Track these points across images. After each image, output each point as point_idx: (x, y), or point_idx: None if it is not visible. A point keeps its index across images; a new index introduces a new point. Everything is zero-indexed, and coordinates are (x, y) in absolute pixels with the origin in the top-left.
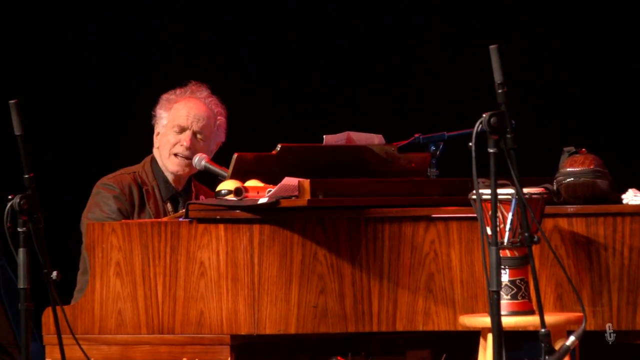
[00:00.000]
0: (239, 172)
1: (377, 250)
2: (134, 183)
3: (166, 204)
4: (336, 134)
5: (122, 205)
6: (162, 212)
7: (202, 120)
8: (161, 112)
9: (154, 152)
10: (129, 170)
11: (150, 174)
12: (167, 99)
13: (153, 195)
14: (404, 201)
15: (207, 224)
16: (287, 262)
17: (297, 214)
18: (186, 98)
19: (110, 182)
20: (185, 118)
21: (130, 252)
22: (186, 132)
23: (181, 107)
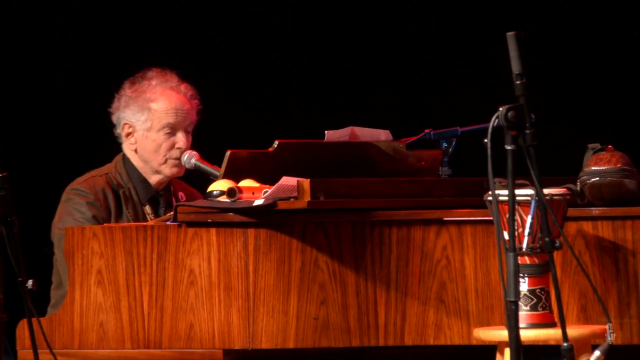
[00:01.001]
0: (232, 171)
1: (383, 257)
2: (108, 186)
3: (145, 207)
4: (339, 130)
5: (97, 211)
6: (141, 216)
7: (188, 114)
8: (133, 112)
9: (126, 151)
10: (101, 172)
11: (124, 174)
12: (138, 96)
13: (130, 198)
14: (413, 203)
15: (197, 228)
16: (285, 269)
17: (296, 217)
18: (162, 92)
19: (81, 187)
20: (173, 117)
21: (113, 259)
22: (179, 133)
23: (163, 104)
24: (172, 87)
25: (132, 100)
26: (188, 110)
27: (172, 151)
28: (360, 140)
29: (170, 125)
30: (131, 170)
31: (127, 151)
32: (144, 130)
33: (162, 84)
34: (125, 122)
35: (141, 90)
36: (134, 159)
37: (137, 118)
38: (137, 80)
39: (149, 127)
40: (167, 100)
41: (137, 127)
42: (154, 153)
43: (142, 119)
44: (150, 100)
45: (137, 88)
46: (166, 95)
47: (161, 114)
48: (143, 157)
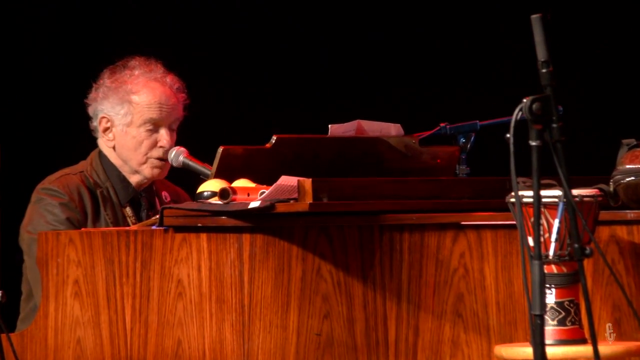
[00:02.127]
0: (226, 169)
1: (394, 266)
2: (84, 185)
3: (125, 209)
4: (344, 123)
5: (71, 213)
6: (121, 219)
7: (174, 109)
8: (112, 104)
9: (102, 147)
10: (75, 170)
11: (101, 173)
12: (118, 87)
13: (109, 198)
14: (426, 205)
15: (186, 233)
16: (284, 279)
17: (297, 221)
18: (145, 83)
19: (54, 187)
20: (157, 111)
21: (92, 268)
22: (162, 129)
23: (146, 97)
24: (156, 78)
25: (111, 92)
26: (174, 105)
27: (154, 150)
28: (368, 136)
29: (152, 121)
30: (109, 168)
31: (103, 147)
32: (124, 125)
33: (146, 74)
34: (103, 116)
35: (122, 81)
36: (111, 157)
37: (116, 111)
38: (117, 69)
39: (128, 122)
40: (150, 92)
41: (116, 121)
42: (134, 151)
43: (122, 113)
44: (131, 92)
45: (118, 78)
46: (150, 88)
47: (143, 108)
48: (122, 155)
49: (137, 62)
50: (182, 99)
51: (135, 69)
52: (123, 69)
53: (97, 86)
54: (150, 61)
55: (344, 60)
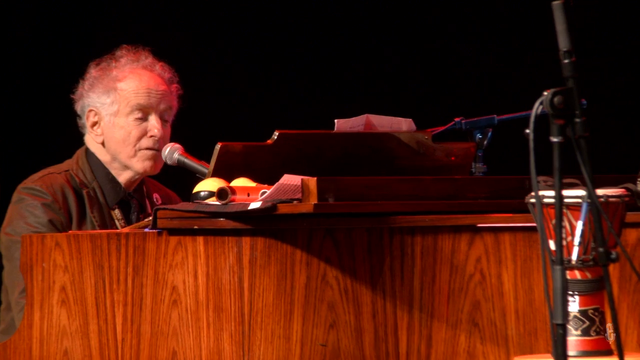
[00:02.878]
0: (224, 167)
1: (405, 271)
2: (68, 185)
3: (113, 211)
4: (351, 118)
5: (54, 215)
6: (109, 222)
7: (164, 96)
8: (97, 94)
9: (89, 145)
10: (59, 169)
11: (88, 172)
12: (103, 76)
13: (96, 200)
14: (440, 206)
15: (181, 236)
16: (286, 286)
17: (300, 223)
18: (131, 70)
19: (36, 186)
20: (145, 96)
21: (80, 274)
22: (152, 117)
23: (133, 83)
24: (144, 65)
25: (96, 81)
26: (164, 93)
27: (144, 140)
28: (377, 131)
29: (140, 106)
30: (96, 167)
31: (91, 144)
32: (110, 115)
33: (133, 62)
34: (90, 109)
35: (107, 69)
36: (100, 154)
37: (102, 101)
38: (103, 60)
39: (115, 111)
40: (137, 78)
41: (103, 112)
42: (122, 143)
43: (108, 102)
44: (116, 80)
45: (103, 67)
46: (136, 74)
47: (130, 94)
48: (110, 149)
49: (124, 51)
50: (175, 90)
51: (122, 57)
52: (109, 60)
53: (84, 80)
54: (138, 49)
55: (351, 50)
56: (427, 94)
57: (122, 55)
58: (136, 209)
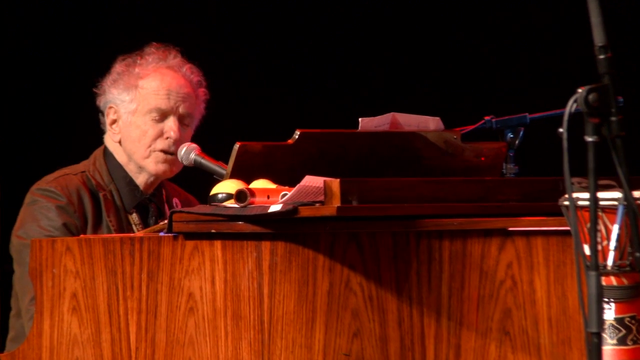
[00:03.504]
0: (243, 168)
1: (432, 277)
2: (84, 187)
3: (131, 215)
4: (376, 117)
5: (69, 218)
6: (125, 226)
7: (186, 99)
8: (118, 91)
9: (108, 144)
10: (75, 170)
11: (105, 173)
12: (126, 72)
13: (113, 203)
14: (469, 209)
15: (198, 240)
16: (308, 293)
17: (323, 227)
18: (157, 70)
19: (51, 187)
20: (165, 98)
21: (92, 280)
22: (170, 119)
23: (154, 82)
24: (170, 65)
25: (119, 77)
26: (187, 95)
27: (159, 141)
28: (404, 130)
29: (159, 110)
30: (114, 168)
31: (109, 143)
32: (128, 113)
33: (159, 61)
34: (110, 106)
35: (132, 66)
36: (117, 154)
37: (122, 98)
38: (130, 56)
39: (133, 109)
40: (158, 77)
41: (122, 110)
42: (137, 142)
43: (127, 100)
44: (138, 77)
45: (129, 63)
46: (159, 73)
47: (149, 94)
48: (127, 148)
49: (154, 48)
50: (202, 95)
51: (149, 55)
52: (136, 56)
53: (108, 74)
54: (168, 48)
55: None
56: (456, 91)
57: (149, 52)
58: (154, 213)
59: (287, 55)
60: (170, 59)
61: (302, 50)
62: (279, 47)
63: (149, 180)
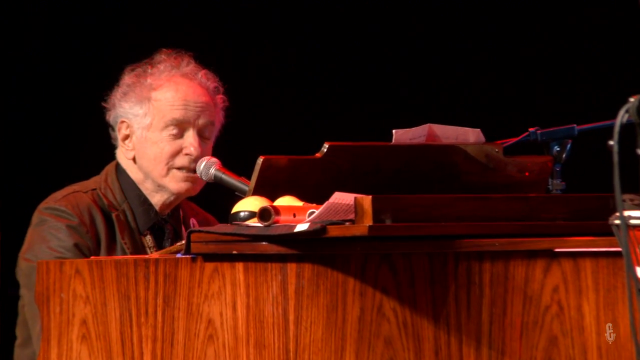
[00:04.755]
0: (267, 184)
1: (472, 302)
2: (96, 206)
3: (145, 237)
4: (411, 128)
5: (80, 239)
6: (141, 249)
7: (205, 110)
8: (130, 104)
9: (121, 160)
10: (86, 187)
11: (118, 191)
12: (137, 84)
13: (126, 224)
14: (512, 228)
15: (218, 262)
16: (337, 319)
17: (353, 248)
18: (169, 78)
19: (60, 206)
20: (182, 110)
21: (103, 305)
22: (190, 133)
23: (169, 93)
24: (184, 73)
25: (130, 90)
26: (205, 105)
27: (178, 158)
28: (441, 143)
29: (176, 122)
30: (127, 186)
31: (122, 160)
32: (143, 129)
33: (172, 69)
34: (122, 120)
35: (142, 76)
36: (131, 171)
37: (134, 112)
38: (140, 65)
39: (148, 124)
40: (173, 87)
41: (135, 125)
42: (154, 161)
43: (141, 113)
44: (151, 88)
45: (139, 74)
46: (173, 82)
47: (165, 107)
48: (143, 166)
49: (164, 56)
50: (220, 102)
51: (160, 63)
52: (146, 65)
53: (117, 86)
54: (180, 55)
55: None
56: (498, 101)
57: (160, 60)
58: (170, 235)
59: (314, 61)
60: (184, 65)
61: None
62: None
63: (167, 200)
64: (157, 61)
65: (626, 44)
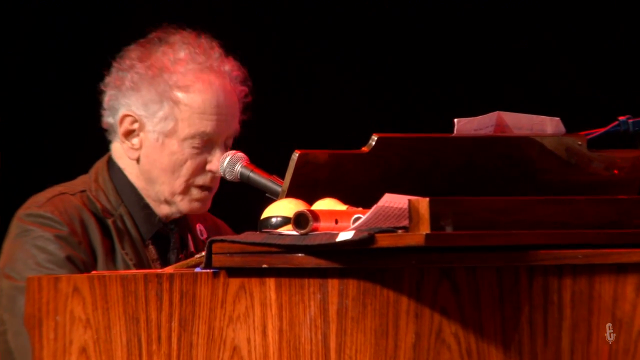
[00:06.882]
0: (303, 184)
1: (549, 326)
2: (88, 210)
3: (147, 247)
4: (477, 117)
5: (72, 251)
6: (145, 262)
7: (234, 115)
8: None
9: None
10: (73, 188)
11: (112, 193)
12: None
13: (126, 231)
14: (599, 237)
15: (245, 277)
16: (388, 346)
17: (407, 260)
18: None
19: (45, 212)
20: (213, 120)
21: (107, 330)
22: (216, 150)
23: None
24: (212, 66)
25: (144, 81)
26: (234, 108)
27: (200, 176)
28: (512, 134)
29: (206, 135)
30: (123, 188)
31: (119, 157)
32: (161, 133)
33: (197, 59)
34: (127, 113)
35: (161, 67)
36: (130, 172)
37: (150, 111)
38: (151, 46)
39: (170, 130)
40: (207, 90)
41: (149, 125)
42: (171, 174)
43: (160, 116)
44: (177, 87)
45: (155, 62)
46: (205, 82)
47: (192, 115)
48: (151, 173)
49: (181, 37)
50: (242, 96)
51: (180, 49)
52: (160, 46)
53: (123, 69)
54: (200, 37)
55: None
56: (581, 85)
57: (179, 45)
58: (176, 245)
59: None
60: (210, 54)
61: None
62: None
63: (173, 215)
64: (173, 43)
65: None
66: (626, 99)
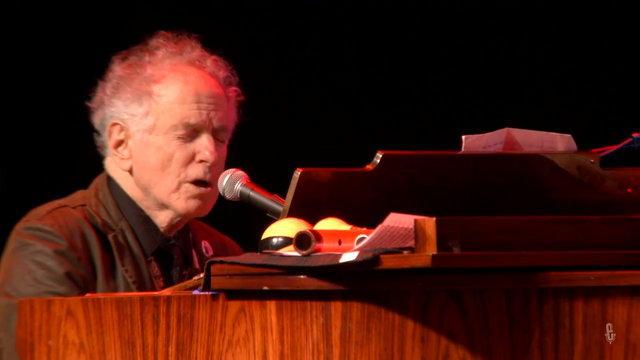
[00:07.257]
0: (306, 203)
1: (560, 351)
2: (88, 224)
3: (150, 263)
4: (485, 134)
5: (72, 267)
6: (147, 279)
7: (219, 106)
8: (124, 101)
9: (112, 173)
10: (74, 202)
11: (112, 208)
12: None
13: (127, 247)
14: (612, 258)
15: (245, 300)
16: None
17: (414, 283)
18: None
19: (45, 226)
20: (194, 108)
21: (102, 355)
22: (203, 136)
23: (176, 86)
24: (190, 60)
25: (123, 83)
26: (219, 100)
27: (191, 168)
28: (523, 151)
29: (187, 125)
30: (123, 201)
31: (114, 172)
32: (143, 132)
33: (174, 56)
34: (113, 122)
35: (139, 66)
36: (126, 186)
37: (131, 111)
38: (133, 52)
39: (150, 125)
40: (181, 78)
41: (132, 127)
42: (160, 171)
43: (140, 113)
44: (152, 80)
45: (133, 63)
46: (181, 73)
47: (171, 104)
48: (143, 180)
49: (162, 40)
50: (234, 95)
51: (159, 49)
52: (141, 52)
53: (105, 81)
54: (181, 38)
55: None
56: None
57: (158, 45)
58: (179, 261)
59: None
60: (188, 51)
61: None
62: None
63: (173, 221)
64: (154, 47)
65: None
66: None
